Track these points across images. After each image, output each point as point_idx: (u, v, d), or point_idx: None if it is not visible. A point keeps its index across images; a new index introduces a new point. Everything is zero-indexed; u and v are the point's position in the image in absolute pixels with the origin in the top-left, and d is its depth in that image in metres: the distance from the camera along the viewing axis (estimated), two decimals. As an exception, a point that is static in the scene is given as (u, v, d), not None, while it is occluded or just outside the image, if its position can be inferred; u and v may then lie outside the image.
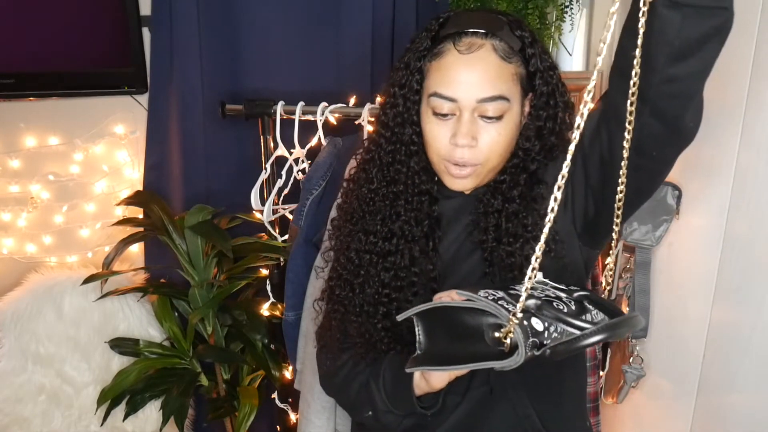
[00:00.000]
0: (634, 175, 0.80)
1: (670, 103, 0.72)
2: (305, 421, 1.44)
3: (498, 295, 0.75)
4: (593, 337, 0.67)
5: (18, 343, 1.77)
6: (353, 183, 1.03)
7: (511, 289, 0.79)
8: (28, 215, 1.95)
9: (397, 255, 0.96)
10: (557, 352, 0.69)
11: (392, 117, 0.95)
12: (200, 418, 1.95)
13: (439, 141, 0.90)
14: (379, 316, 0.96)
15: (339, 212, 1.05)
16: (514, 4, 1.54)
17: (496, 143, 0.89)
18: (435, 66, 0.89)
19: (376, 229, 0.97)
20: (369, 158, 1.00)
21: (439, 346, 0.79)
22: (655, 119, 0.74)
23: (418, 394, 0.90)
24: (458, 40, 0.87)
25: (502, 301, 0.73)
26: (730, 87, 1.14)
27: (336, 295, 1.02)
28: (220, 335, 1.77)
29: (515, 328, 0.70)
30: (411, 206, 0.96)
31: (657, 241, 1.38)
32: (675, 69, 0.69)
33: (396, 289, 0.96)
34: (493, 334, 0.73)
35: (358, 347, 0.99)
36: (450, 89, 0.87)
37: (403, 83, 0.93)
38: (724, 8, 0.67)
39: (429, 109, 0.90)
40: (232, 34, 1.81)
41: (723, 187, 1.18)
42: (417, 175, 0.95)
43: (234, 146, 1.88)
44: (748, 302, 1.15)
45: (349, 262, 1.00)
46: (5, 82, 1.75)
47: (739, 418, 1.17)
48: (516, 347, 0.70)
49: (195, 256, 1.70)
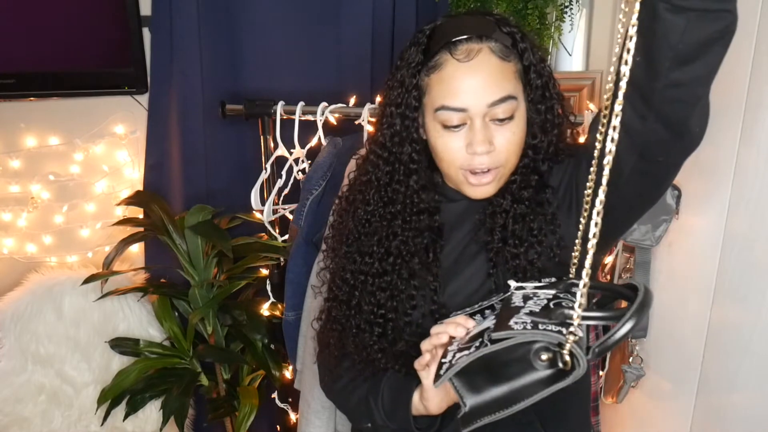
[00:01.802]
0: (639, 181, 0.79)
1: (675, 108, 0.71)
2: (305, 421, 1.44)
3: (528, 321, 0.72)
4: (628, 325, 0.65)
5: (18, 343, 1.77)
6: (347, 203, 1.01)
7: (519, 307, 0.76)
8: (28, 215, 1.95)
9: (393, 274, 0.94)
10: (603, 350, 0.68)
11: (389, 137, 0.93)
12: (200, 418, 1.95)
13: (454, 153, 0.88)
14: (375, 337, 0.95)
15: (333, 232, 1.03)
16: (514, 4, 1.54)
17: (511, 143, 0.88)
18: (435, 79, 0.87)
19: (372, 250, 0.95)
20: (366, 180, 0.97)
21: (487, 393, 0.74)
22: (660, 124, 0.73)
23: (416, 415, 0.89)
24: (454, 49, 0.86)
25: (540, 324, 0.70)
26: (730, 87, 1.14)
27: (333, 316, 1.01)
28: (220, 335, 1.77)
29: (573, 345, 0.67)
30: (409, 225, 0.94)
31: (657, 241, 1.37)
32: (679, 73, 0.68)
33: (391, 309, 0.94)
34: (541, 358, 0.70)
35: (356, 363, 0.98)
36: (457, 99, 0.85)
37: (400, 102, 0.90)
38: (727, 11, 0.65)
39: (437, 124, 0.88)
40: (232, 34, 1.81)
41: (723, 187, 1.18)
42: (416, 194, 0.94)
43: (234, 146, 1.88)
44: (748, 302, 1.15)
45: (344, 284, 0.98)
46: (5, 82, 1.76)
47: (739, 417, 1.17)
48: (573, 358, 0.68)
49: (195, 256, 1.71)
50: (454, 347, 0.78)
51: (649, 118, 0.72)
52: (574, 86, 1.61)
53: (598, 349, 0.68)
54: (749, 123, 1.11)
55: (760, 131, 1.10)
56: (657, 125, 0.73)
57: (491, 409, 0.74)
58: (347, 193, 1.02)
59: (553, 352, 0.69)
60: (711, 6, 0.64)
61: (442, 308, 0.93)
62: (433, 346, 0.82)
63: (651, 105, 0.71)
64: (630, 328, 0.66)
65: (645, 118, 0.72)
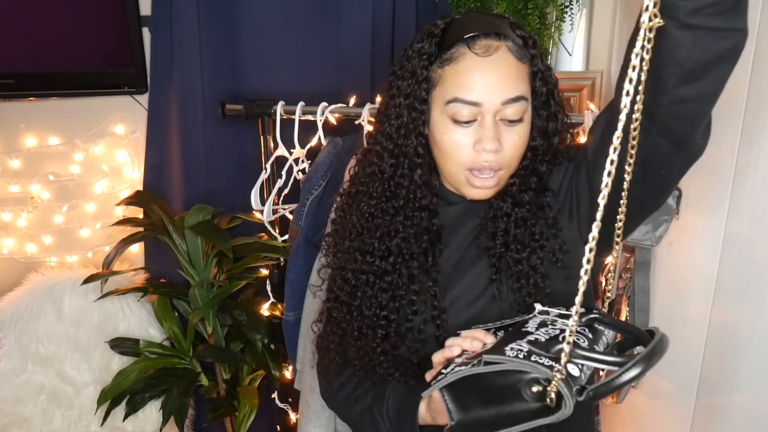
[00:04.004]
0: (640, 189, 0.77)
1: (680, 124, 0.70)
2: (305, 421, 1.43)
3: (525, 349, 0.71)
4: (632, 372, 0.64)
5: (18, 343, 1.77)
6: (349, 197, 0.99)
7: (526, 332, 0.75)
8: (28, 215, 1.95)
9: (394, 275, 0.93)
10: (599, 394, 0.66)
11: (396, 128, 0.91)
12: (200, 418, 1.95)
13: (460, 149, 0.86)
14: (378, 339, 0.93)
15: (335, 227, 1.02)
16: (514, 4, 1.54)
17: (518, 146, 0.88)
18: (450, 71, 0.86)
19: (374, 247, 0.94)
20: (369, 172, 0.95)
21: (474, 413, 0.74)
22: (663, 138, 0.72)
23: (422, 425, 0.88)
24: (473, 43, 0.85)
25: (534, 355, 0.69)
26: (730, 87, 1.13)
27: (334, 318, 0.99)
28: (220, 335, 1.77)
29: (559, 383, 0.66)
30: (410, 222, 0.93)
31: (657, 241, 1.37)
32: (685, 90, 0.67)
33: (394, 310, 0.93)
34: (530, 390, 0.69)
35: (357, 370, 0.96)
36: (473, 93, 0.84)
37: (409, 92, 0.88)
38: (738, 30, 0.64)
39: (446, 117, 0.87)
40: (232, 35, 1.81)
41: (723, 187, 1.18)
42: (419, 189, 0.92)
43: (234, 146, 1.88)
44: (748, 302, 1.15)
45: (345, 284, 0.97)
46: (5, 82, 1.76)
47: (739, 417, 1.17)
48: (561, 397, 0.67)
49: (195, 256, 1.71)
50: (459, 360, 0.78)
51: (652, 132, 0.71)
52: (574, 86, 1.61)
53: (593, 392, 0.66)
54: (749, 123, 1.11)
55: (761, 131, 1.09)
56: (660, 139, 0.72)
57: (476, 428, 0.73)
58: (350, 188, 1.00)
59: (543, 386, 0.68)
60: (721, 24, 0.63)
61: (443, 314, 0.92)
62: (444, 359, 0.81)
63: (655, 120, 0.70)
64: (633, 376, 0.64)
65: (648, 132, 0.71)
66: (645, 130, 0.71)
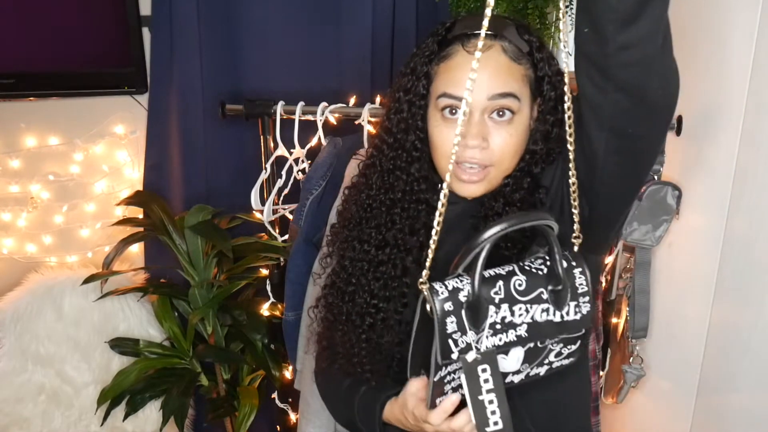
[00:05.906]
0: (617, 161, 0.78)
1: (630, 73, 0.71)
2: (305, 420, 1.44)
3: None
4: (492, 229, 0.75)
5: (18, 343, 1.77)
6: (354, 189, 1.02)
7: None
8: (28, 215, 1.95)
9: (389, 264, 0.95)
10: (459, 263, 0.78)
11: (396, 123, 0.94)
12: (200, 418, 1.95)
13: (447, 144, 0.88)
14: (365, 326, 0.95)
15: (338, 218, 1.05)
16: (514, 4, 1.54)
17: (507, 145, 0.88)
18: (443, 68, 0.89)
19: (371, 237, 0.96)
20: (370, 164, 0.99)
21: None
22: (621, 93, 0.73)
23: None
24: (467, 42, 0.88)
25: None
26: (730, 87, 1.13)
27: (328, 303, 1.01)
28: (220, 335, 1.77)
29: (426, 293, 0.77)
30: (407, 214, 0.95)
31: (657, 241, 1.38)
32: (626, 35, 0.68)
33: (384, 299, 0.95)
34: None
35: (339, 358, 0.99)
36: (459, 88, 0.86)
37: (409, 88, 0.92)
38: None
39: (437, 112, 0.89)
40: (232, 35, 1.81)
41: (723, 187, 1.18)
42: (417, 182, 0.94)
43: (234, 146, 1.88)
44: (748, 302, 1.15)
45: (342, 270, 0.99)
46: (5, 82, 1.75)
47: (739, 418, 1.17)
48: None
49: (195, 256, 1.70)
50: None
51: (608, 89, 0.73)
52: (574, 86, 1.61)
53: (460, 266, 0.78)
54: (749, 123, 1.11)
55: (761, 132, 1.10)
56: (618, 95, 0.73)
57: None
58: (354, 181, 1.04)
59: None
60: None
61: None
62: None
63: (607, 74, 0.72)
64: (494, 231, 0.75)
65: (605, 90, 0.73)
66: (602, 88, 0.73)
